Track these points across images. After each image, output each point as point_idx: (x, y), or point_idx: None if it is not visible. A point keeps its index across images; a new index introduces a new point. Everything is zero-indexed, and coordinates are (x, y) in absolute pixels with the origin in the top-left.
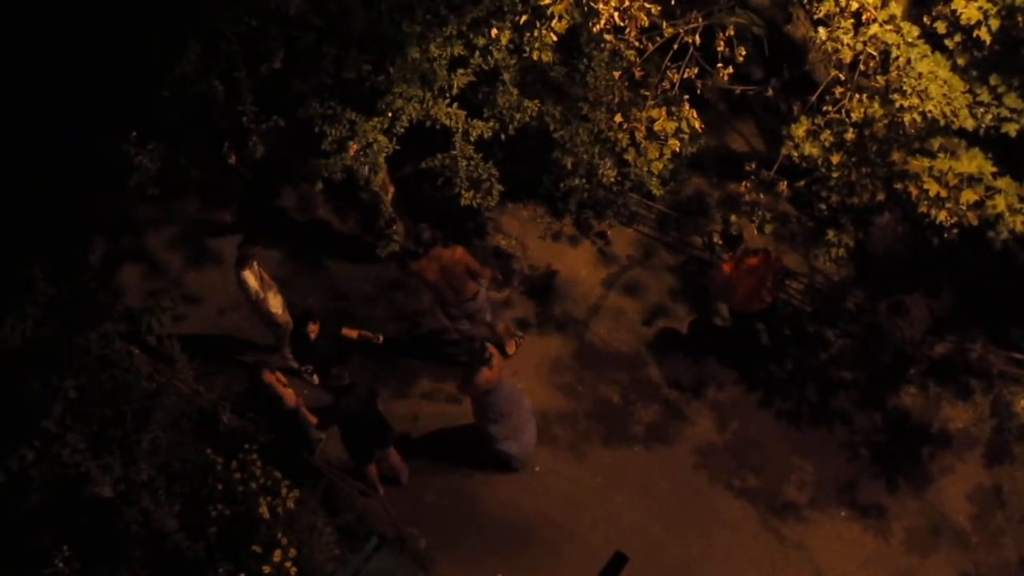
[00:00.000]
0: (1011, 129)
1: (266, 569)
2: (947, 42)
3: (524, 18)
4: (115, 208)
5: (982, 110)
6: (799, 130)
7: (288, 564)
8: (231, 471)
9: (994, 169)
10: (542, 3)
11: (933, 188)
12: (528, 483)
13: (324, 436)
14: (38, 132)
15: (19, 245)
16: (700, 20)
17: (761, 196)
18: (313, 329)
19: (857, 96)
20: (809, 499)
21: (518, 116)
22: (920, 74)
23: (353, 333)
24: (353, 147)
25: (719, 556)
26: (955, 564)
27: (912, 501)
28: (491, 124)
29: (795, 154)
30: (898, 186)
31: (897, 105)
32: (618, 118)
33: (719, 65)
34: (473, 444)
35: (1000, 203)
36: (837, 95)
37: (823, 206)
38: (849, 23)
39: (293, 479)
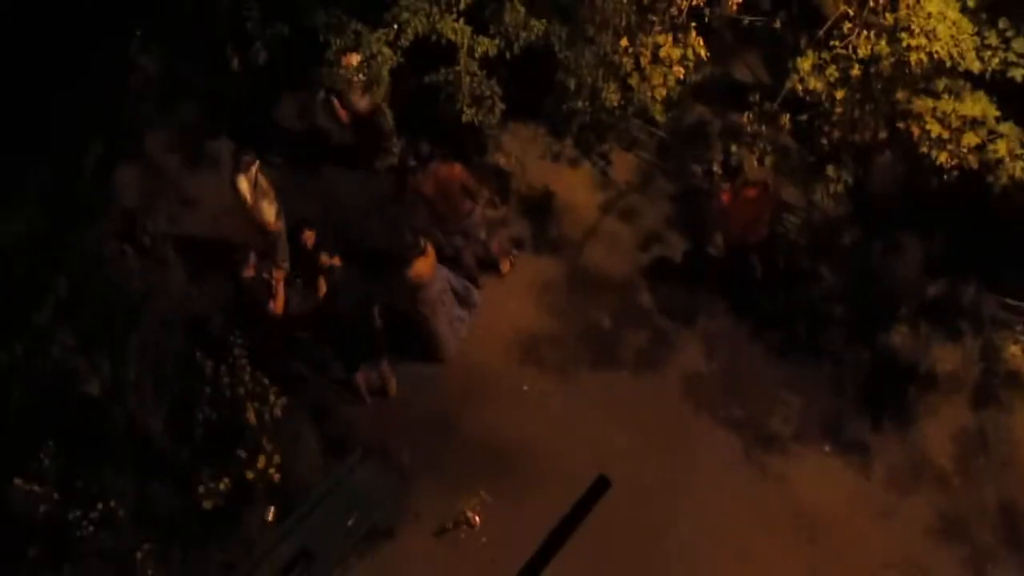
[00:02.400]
0: (1017, 74)
1: (249, 475)
2: None
3: None
4: (114, 109)
5: (989, 53)
6: (805, 64)
7: (272, 471)
8: (219, 375)
9: (997, 113)
10: None
11: (935, 129)
12: (514, 403)
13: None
14: (39, 31)
15: (16, 143)
16: None
17: (763, 128)
18: (308, 237)
19: (865, 33)
20: (793, 433)
21: (524, 35)
22: (929, 14)
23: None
24: (356, 57)
25: (701, 485)
26: (935, 505)
27: (896, 440)
28: (496, 42)
29: (799, 88)
30: (900, 125)
31: (904, 44)
32: (624, 42)
33: None
34: (462, 360)
35: (1001, 148)
36: (845, 31)
37: (824, 141)
38: None
39: (281, 386)
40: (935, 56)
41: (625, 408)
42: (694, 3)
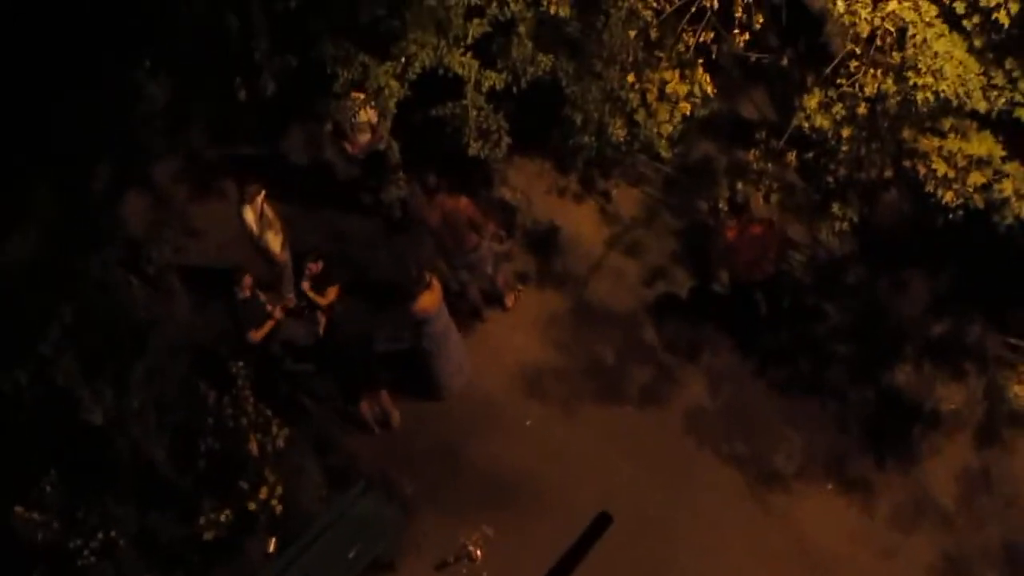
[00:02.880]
0: (1023, 114)
1: (251, 506)
2: (965, 22)
3: None
4: (122, 137)
5: (996, 93)
6: (811, 101)
7: (274, 502)
8: (223, 406)
9: (1004, 153)
10: None
11: (941, 168)
12: (518, 437)
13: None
14: (49, 57)
15: (25, 167)
16: None
17: (769, 165)
18: (314, 268)
19: (871, 71)
20: (797, 470)
21: (531, 69)
22: (936, 53)
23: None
24: (359, 96)
25: (704, 521)
26: (938, 544)
27: (899, 479)
28: (504, 76)
29: (806, 125)
30: (906, 164)
31: (911, 83)
32: (631, 78)
33: (735, 31)
34: (466, 393)
35: (1007, 187)
36: (852, 69)
37: (830, 179)
38: None
39: (284, 418)
40: (941, 95)
41: (629, 443)
42: (701, 40)
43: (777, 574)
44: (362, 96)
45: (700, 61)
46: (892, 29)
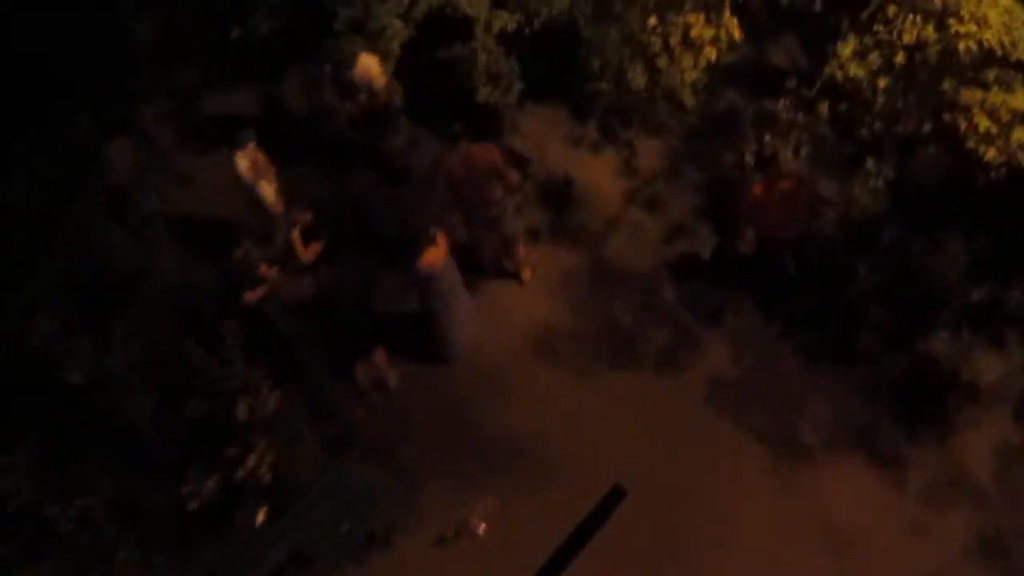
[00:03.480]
0: None
1: (239, 474)
2: None
3: None
4: (106, 78)
5: None
6: (846, 49)
7: (263, 470)
8: (210, 366)
9: None
10: None
11: (983, 123)
12: (527, 402)
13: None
14: None
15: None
16: None
17: (799, 116)
18: (300, 218)
19: (911, 17)
20: (823, 441)
21: (545, 10)
22: None
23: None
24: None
25: (724, 495)
26: (974, 523)
27: (933, 453)
28: (515, 16)
29: (839, 74)
30: (946, 117)
31: (952, 31)
32: (652, 20)
33: None
34: (472, 356)
35: None
36: (889, 15)
37: (864, 132)
38: None
39: (277, 380)
40: (985, 45)
41: (645, 410)
42: None
43: (800, 551)
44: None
45: (727, 3)
46: None
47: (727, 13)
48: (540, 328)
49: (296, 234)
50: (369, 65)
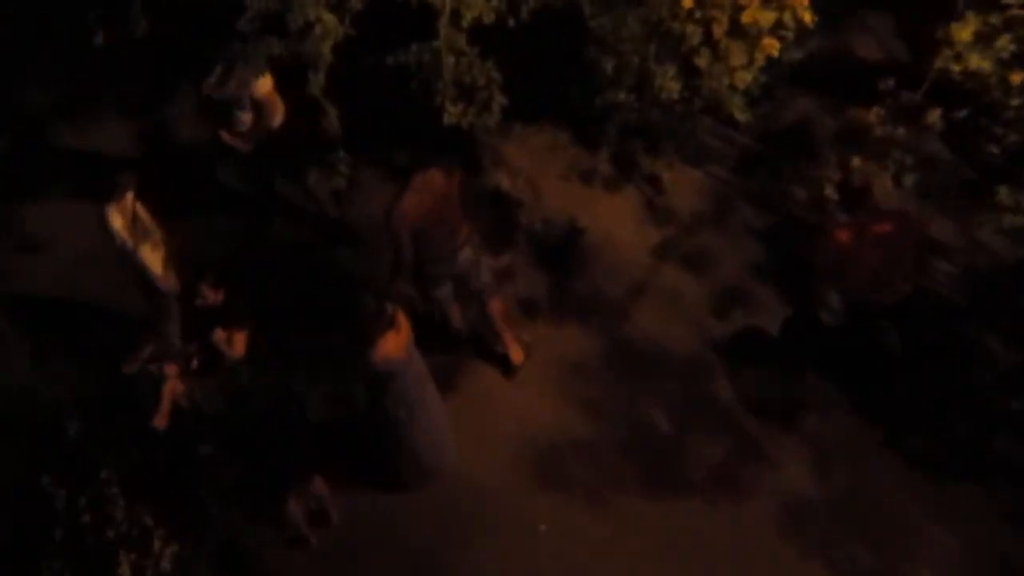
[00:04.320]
0: None
1: None
2: None
3: None
4: None
5: None
6: (963, 32)
7: None
8: (78, 509)
9: None
10: None
11: None
12: (526, 550)
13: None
14: None
15: None
16: None
17: (900, 130)
18: (210, 295)
19: None
20: None
21: None
22: None
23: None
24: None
25: None
26: None
27: None
28: (494, 3)
29: (955, 68)
30: None
31: None
32: (688, 2)
33: None
34: (448, 483)
35: None
36: None
37: (994, 150)
38: None
39: (174, 525)
40: None
41: (695, 555)
42: None
43: None
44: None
45: None
46: None
47: None
48: (542, 441)
49: (219, 333)
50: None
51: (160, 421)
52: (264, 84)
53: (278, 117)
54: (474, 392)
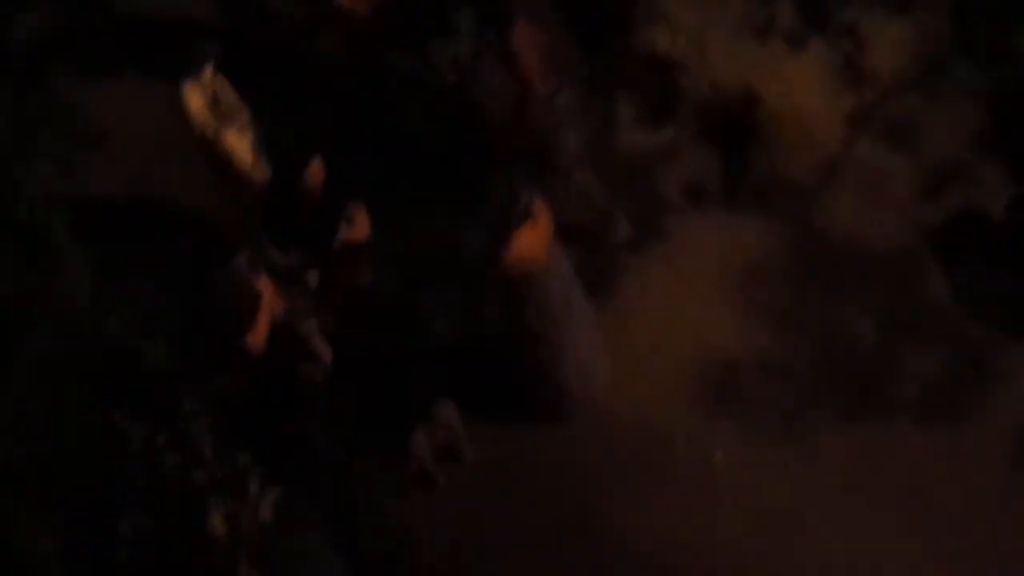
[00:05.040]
0: None
1: None
2: None
3: None
4: None
5: None
6: None
7: None
8: (158, 449)
9: None
10: None
11: None
12: (698, 486)
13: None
14: None
15: None
16: None
17: None
18: (315, 176)
19: None
20: None
21: None
22: None
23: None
24: None
25: None
26: None
27: None
28: None
29: None
30: None
31: None
32: None
33: None
34: (602, 411)
35: None
36: None
37: None
38: None
39: (273, 467)
40: None
41: (904, 489)
42: None
43: None
44: None
45: None
46: None
47: None
48: (716, 357)
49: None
50: None
51: (256, 341)
52: None
53: None
54: (632, 300)
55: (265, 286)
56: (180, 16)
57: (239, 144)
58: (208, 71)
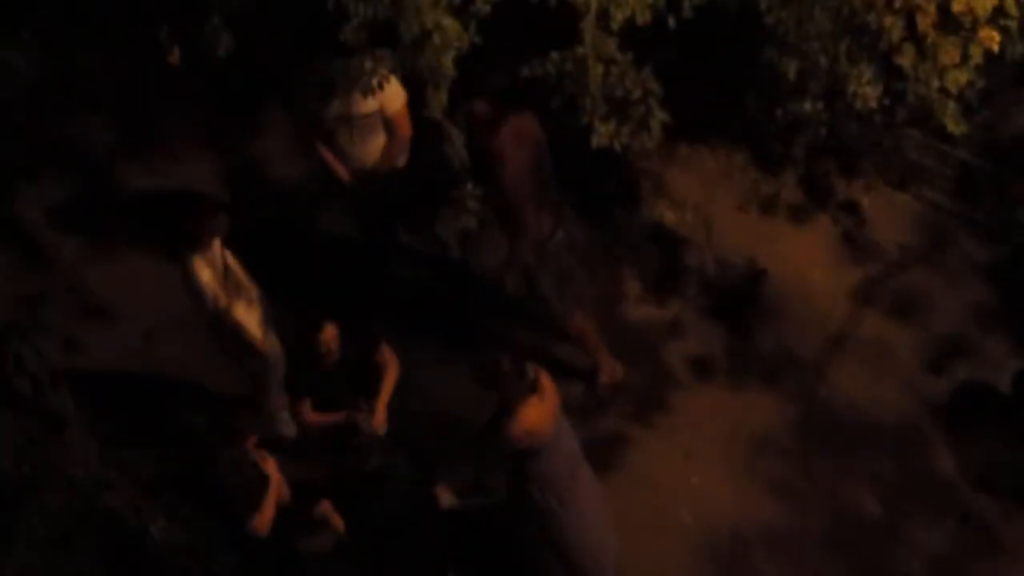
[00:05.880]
0: None
1: None
2: None
3: None
4: None
5: None
6: None
7: None
8: None
9: None
10: None
11: None
12: None
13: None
14: None
15: None
16: None
17: None
18: (327, 338)
19: None
20: None
21: None
22: None
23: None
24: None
25: None
26: None
27: None
28: (648, 1)
29: None
30: None
31: None
32: None
33: None
34: None
35: None
36: None
37: None
38: None
39: None
40: None
41: None
42: None
43: None
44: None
45: None
46: None
47: None
48: (722, 531)
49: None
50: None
51: (261, 524)
52: (396, 97)
53: (407, 142)
54: (636, 472)
55: (272, 468)
56: (185, 191)
57: (248, 317)
58: (217, 245)
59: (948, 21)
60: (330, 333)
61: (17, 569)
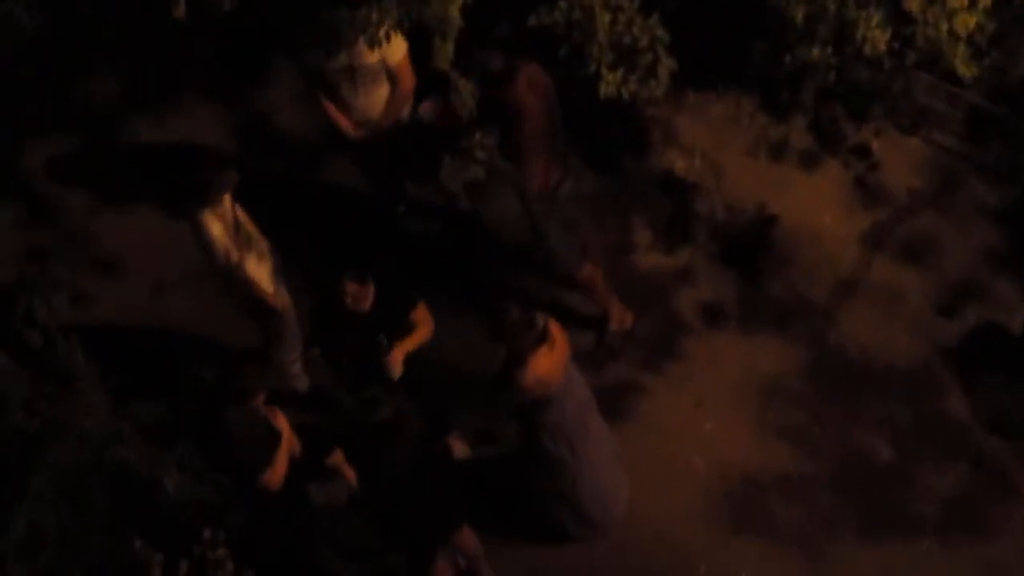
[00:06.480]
0: None
1: None
2: None
3: None
4: None
5: None
6: None
7: None
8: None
9: None
10: None
11: None
12: None
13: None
14: None
15: None
16: None
17: None
18: (351, 290)
19: None
20: None
21: None
22: None
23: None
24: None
25: None
26: None
27: None
28: None
29: None
30: None
31: None
32: None
33: None
34: (622, 532)
35: None
36: None
37: None
38: None
39: None
40: None
41: None
42: None
43: None
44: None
45: None
46: None
47: None
48: (734, 477)
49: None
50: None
51: (273, 479)
52: (398, 48)
53: (410, 93)
54: (648, 420)
55: (284, 424)
56: (193, 144)
57: (259, 271)
58: (227, 199)
59: None
60: (352, 287)
61: (28, 522)
